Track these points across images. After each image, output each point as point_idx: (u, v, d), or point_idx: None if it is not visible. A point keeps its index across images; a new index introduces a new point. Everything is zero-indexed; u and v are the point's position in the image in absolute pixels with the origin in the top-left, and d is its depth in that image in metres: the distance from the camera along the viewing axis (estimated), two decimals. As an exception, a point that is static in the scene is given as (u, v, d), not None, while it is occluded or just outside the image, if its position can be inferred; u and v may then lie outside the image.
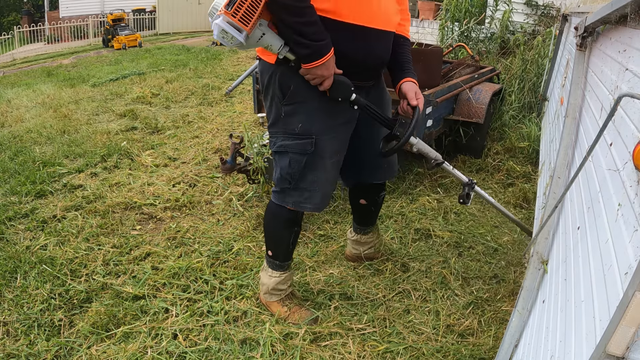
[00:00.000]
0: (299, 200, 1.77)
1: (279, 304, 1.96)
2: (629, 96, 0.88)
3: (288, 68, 1.60)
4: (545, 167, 2.72)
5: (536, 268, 1.61)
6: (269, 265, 1.94)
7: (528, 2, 6.58)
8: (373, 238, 2.31)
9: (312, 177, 1.73)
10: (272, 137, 1.76)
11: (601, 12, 1.67)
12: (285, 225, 1.87)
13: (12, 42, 13.47)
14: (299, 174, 1.71)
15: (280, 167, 1.74)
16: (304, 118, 1.66)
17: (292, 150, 1.69)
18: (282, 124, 1.69)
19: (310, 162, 1.70)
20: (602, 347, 0.75)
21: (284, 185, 1.76)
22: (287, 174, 1.72)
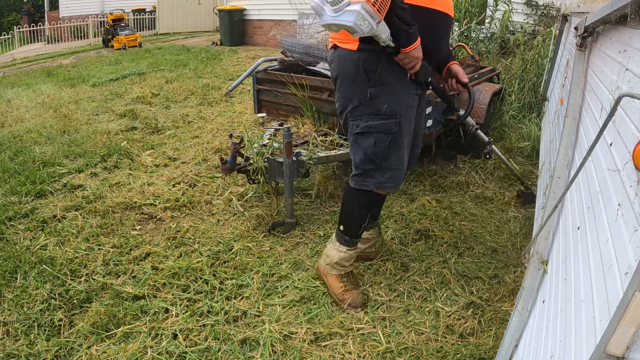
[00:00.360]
0: (381, 180, 1.86)
1: (337, 278, 2.06)
2: (629, 96, 0.88)
3: (371, 54, 1.73)
4: (545, 167, 2.72)
5: (536, 268, 1.61)
6: (338, 239, 2.05)
7: (528, 2, 6.58)
8: (375, 235, 2.32)
9: (395, 156, 1.84)
10: (355, 119, 1.84)
11: (601, 12, 1.67)
12: (366, 207, 1.98)
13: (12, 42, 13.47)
14: (384, 153, 1.81)
15: (365, 147, 1.82)
16: (389, 99, 1.77)
17: (377, 130, 1.79)
18: (367, 105, 1.79)
19: (394, 141, 1.81)
20: (602, 347, 0.74)
21: (368, 167, 1.85)
22: (372, 154, 1.82)
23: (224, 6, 11.26)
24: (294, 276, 2.26)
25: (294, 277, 2.25)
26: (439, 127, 3.30)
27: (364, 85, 1.77)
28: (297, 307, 2.05)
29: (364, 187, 1.89)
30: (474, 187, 3.24)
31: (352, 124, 1.87)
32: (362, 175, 1.89)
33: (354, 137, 1.87)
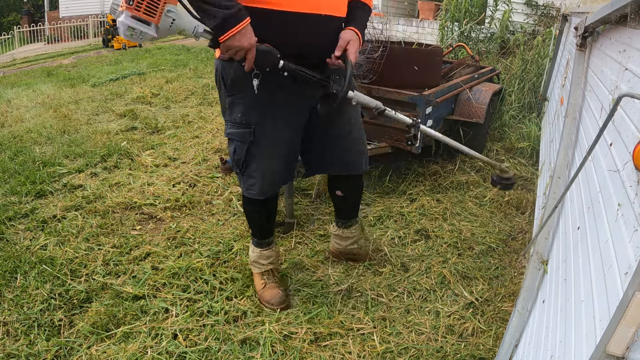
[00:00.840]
0: (245, 186, 1.90)
1: (258, 275, 2.11)
2: (629, 96, 0.88)
3: (226, 61, 1.70)
4: (545, 167, 2.72)
5: (536, 268, 1.61)
6: (252, 240, 2.12)
7: (528, 2, 6.58)
8: (356, 233, 2.29)
9: (255, 165, 1.83)
10: (225, 125, 1.88)
11: (601, 12, 1.67)
12: (252, 208, 2.02)
13: (12, 42, 13.48)
14: (243, 160, 1.83)
15: (230, 152, 1.87)
16: (243, 108, 1.76)
17: (236, 138, 1.81)
18: (228, 113, 1.82)
19: (251, 150, 1.80)
20: (602, 347, 0.75)
21: (236, 171, 1.91)
22: (235, 160, 1.86)
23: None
24: (293, 276, 2.26)
25: (293, 277, 2.25)
26: (439, 127, 3.31)
27: (224, 93, 1.81)
28: (297, 307, 2.05)
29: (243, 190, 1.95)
30: (474, 187, 3.24)
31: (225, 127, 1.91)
32: (238, 178, 1.95)
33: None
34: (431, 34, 7.74)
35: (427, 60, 3.21)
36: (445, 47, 5.81)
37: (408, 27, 8.15)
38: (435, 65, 3.35)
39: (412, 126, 1.92)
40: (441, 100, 3.01)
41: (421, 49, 3.46)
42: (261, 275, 2.11)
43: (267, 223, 2.07)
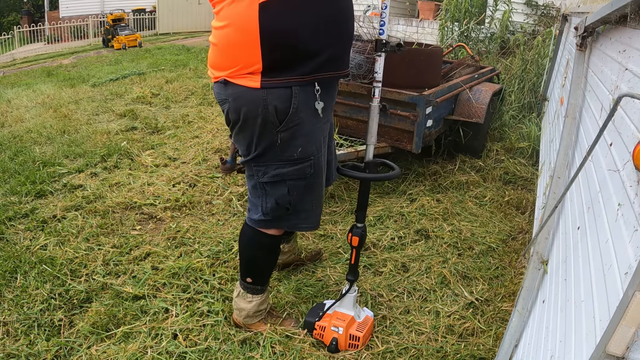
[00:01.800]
0: (296, 222, 1.67)
1: (262, 323, 1.88)
2: (629, 96, 0.88)
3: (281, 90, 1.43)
4: (545, 167, 2.72)
5: (536, 268, 1.61)
6: (248, 291, 1.81)
7: (528, 2, 6.59)
8: (295, 244, 2.24)
9: (311, 198, 1.63)
10: (261, 167, 1.56)
11: (601, 12, 1.67)
12: (271, 251, 1.79)
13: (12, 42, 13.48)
14: (299, 198, 1.60)
15: (276, 197, 1.58)
16: (304, 141, 1.52)
17: (290, 177, 1.55)
18: (277, 152, 1.52)
19: (310, 184, 1.60)
20: (602, 347, 0.75)
21: (280, 213, 1.62)
22: (286, 202, 1.59)
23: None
24: (294, 276, 2.26)
25: (293, 278, 2.25)
26: (439, 127, 3.31)
27: (272, 129, 1.48)
28: (297, 308, 2.05)
29: (274, 229, 1.68)
30: (474, 187, 3.24)
31: (257, 170, 1.58)
32: (272, 221, 1.65)
33: (261, 185, 1.59)
34: (431, 34, 7.74)
35: (427, 60, 3.21)
36: (445, 47, 5.82)
37: (408, 27, 8.15)
38: (435, 65, 3.35)
39: None
40: (441, 100, 3.01)
41: (421, 49, 3.46)
42: (264, 320, 1.88)
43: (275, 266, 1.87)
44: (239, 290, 1.84)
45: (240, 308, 1.85)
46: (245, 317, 1.86)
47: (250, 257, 1.79)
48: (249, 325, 1.88)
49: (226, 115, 1.53)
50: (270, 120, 1.46)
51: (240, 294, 1.84)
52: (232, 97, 1.47)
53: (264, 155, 1.53)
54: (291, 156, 1.53)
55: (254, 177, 1.59)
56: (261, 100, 1.43)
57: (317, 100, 1.49)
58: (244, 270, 1.80)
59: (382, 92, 2.86)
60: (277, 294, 2.12)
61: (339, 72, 1.54)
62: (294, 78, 1.43)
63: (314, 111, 1.50)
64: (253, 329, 1.88)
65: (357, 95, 2.99)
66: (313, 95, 1.48)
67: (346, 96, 3.05)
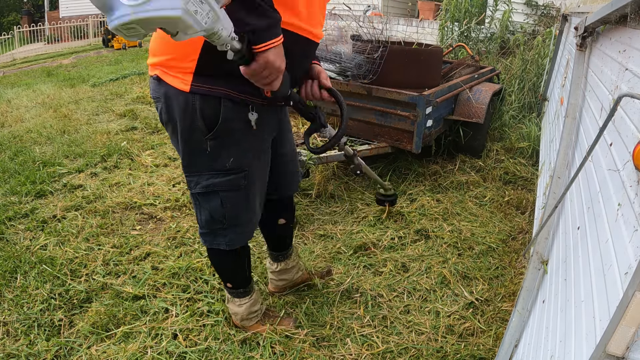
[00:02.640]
0: (233, 237, 1.59)
1: (259, 324, 1.90)
2: (629, 96, 0.88)
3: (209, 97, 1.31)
4: (545, 167, 2.72)
5: (536, 268, 1.61)
6: (234, 295, 1.82)
7: (528, 2, 6.59)
8: (297, 259, 2.10)
9: (246, 212, 1.55)
10: (192, 176, 1.47)
11: (601, 12, 1.67)
12: (234, 261, 1.72)
13: (12, 42, 13.48)
14: (233, 211, 1.51)
15: (210, 209, 1.50)
16: (235, 151, 1.42)
17: (223, 189, 1.46)
18: (206, 160, 1.42)
19: (244, 196, 1.51)
20: (602, 347, 0.75)
21: (216, 227, 1.55)
22: (220, 215, 1.51)
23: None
24: (294, 276, 2.26)
25: (294, 277, 2.25)
26: (439, 127, 3.31)
27: (201, 137, 1.38)
28: (297, 308, 2.05)
29: (215, 246, 1.61)
30: (474, 187, 3.24)
31: (188, 181, 1.50)
32: (210, 235, 1.59)
33: (194, 197, 1.52)
34: (431, 34, 7.74)
35: (427, 60, 3.21)
36: (445, 47, 5.82)
37: (408, 27, 8.15)
38: (435, 65, 3.35)
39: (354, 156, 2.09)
40: (441, 100, 3.02)
41: (421, 49, 3.46)
42: (262, 321, 1.90)
43: (249, 266, 1.80)
44: (227, 297, 1.88)
45: (234, 312, 1.88)
46: (241, 320, 1.88)
47: (217, 268, 1.82)
48: (248, 327, 1.90)
49: (160, 115, 1.42)
50: (198, 127, 1.36)
51: (229, 299, 1.88)
52: (164, 97, 1.36)
53: (194, 164, 1.44)
54: (223, 166, 1.43)
55: (190, 190, 1.52)
56: (190, 105, 1.32)
57: (250, 112, 1.38)
58: (221, 279, 1.87)
59: (382, 92, 2.88)
60: (276, 293, 2.12)
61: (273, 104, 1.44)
62: (223, 89, 1.32)
63: (246, 122, 1.39)
64: (252, 330, 1.89)
65: (357, 95, 2.99)
66: (245, 108, 1.37)
67: (346, 96, 3.05)
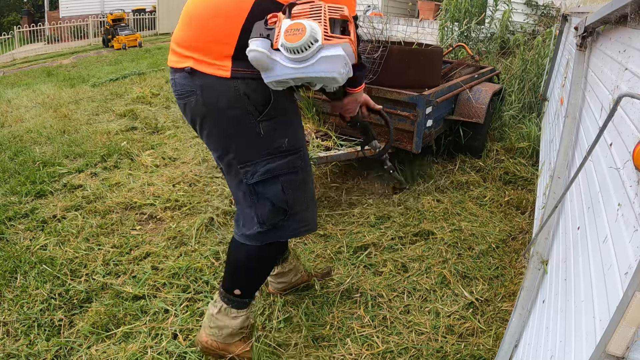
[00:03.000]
0: (297, 227, 1.52)
1: (242, 342, 1.68)
2: (629, 96, 0.88)
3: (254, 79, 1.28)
4: (545, 167, 2.72)
5: (536, 268, 1.61)
6: (236, 306, 1.62)
7: (528, 2, 6.59)
8: (295, 262, 2.05)
9: (306, 195, 1.51)
10: (247, 167, 1.41)
11: (601, 12, 1.67)
12: (270, 264, 1.67)
13: (12, 42, 13.47)
14: (294, 196, 1.46)
15: (271, 197, 1.43)
16: (289, 131, 1.41)
17: (282, 172, 1.42)
18: (261, 145, 1.38)
19: (302, 179, 1.48)
20: (602, 347, 0.75)
21: (277, 219, 1.47)
22: (282, 202, 1.45)
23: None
24: (294, 276, 2.27)
25: (294, 277, 2.26)
26: (439, 127, 3.31)
27: (252, 120, 1.35)
28: (297, 308, 2.05)
29: (274, 240, 1.52)
30: (474, 187, 3.24)
31: (244, 172, 1.42)
32: (271, 232, 1.49)
33: (250, 188, 1.43)
34: (431, 34, 7.75)
35: (427, 60, 3.21)
36: (445, 47, 5.82)
37: (408, 27, 8.15)
38: (435, 65, 3.35)
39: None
40: (441, 100, 3.01)
41: (421, 49, 3.46)
42: (244, 340, 1.70)
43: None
44: (221, 306, 1.62)
45: (221, 326, 1.62)
46: (226, 336, 1.64)
47: (245, 269, 1.60)
48: (227, 347, 1.66)
49: (192, 111, 1.37)
50: (248, 110, 1.33)
51: (223, 309, 1.62)
52: (200, 88, 1.32)
53: (249, 152, 1.39)
54: (279, 147, 1.39)
55: (242, 181, 1.43)
56: (233, 91, 1.30)
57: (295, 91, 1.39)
58: (232, 282, 1.60)
59: (382, 92, 2.88)
60: (277, 295, 2.12)
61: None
62: None
63: (293, 101, 1.44)
64: (231, 351, 1.66)
65: (357, 95, 2.98)
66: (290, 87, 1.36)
67: (346, 96, 3.05)
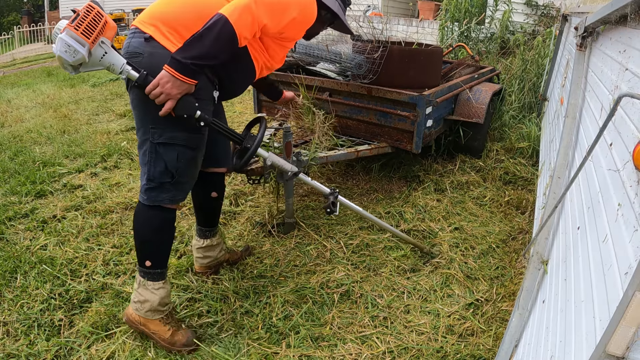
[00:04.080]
0: (175, 194, 1.71)
1: (161, 322, 1.79)
2: (629, 96, 0.88)
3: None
4: (545, 167, 2.72)
5: (536, 268, 1.61)
6: (149, 277, 1.75)
7: (528, 2, 6.59)
8: (221, 240, 2.23)
9: (191, 171, 1.73)
10: (157, 128, 1.62)
11: (601, 12, 1.67)
12: (167, 227, 1.78)
13: (12, 42, 13.48)
14: (183, 167, 1.67)
15: (166, 160, 1.64)
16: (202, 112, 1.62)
17: (181, 143, 1.64)
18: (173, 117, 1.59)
19: (193, 156, 1.70)
20: (602, 347, 0.75)
21: (164, 180, 1.67)
22: (173, 167, 1.66)
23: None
24: (293, 276, 2.26)
25: (293, 278, 2.25)
26: (439, 127, 3.31)
27: None
28: (298, 308, 2.05)
29: (159, 202, 1.70)
30: (474, 187, 3.24)
31: (152, 132, 1.63)
32: (156, 190, 1.69)
33: (153, 147, 1.64)
34: (431, 34, 7.75)
35: (427, 61, 3.21)
36: (445, 47, 5.82)
37: (408, 27, 8.15)
38: (436, 65, 3.35)
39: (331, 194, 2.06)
40: (441, 100, 3.01)
41: (421, 49, 3.46)
42: (165, 319, 1.80)
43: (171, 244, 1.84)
44: (139, 280, 1.76)
45: (143, 300, 1.75)
46: (147, 311, 1.76)
47: (146, 237, 1.75)
48: (146, 323, 1.78)
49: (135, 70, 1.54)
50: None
51: (141, 283, 1.76)
52: (148, 53, 1.57)
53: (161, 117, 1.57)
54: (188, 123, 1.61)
55: (148, 140, 1.64)
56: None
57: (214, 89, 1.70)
58: (141, 253, 1.75)
59: (382, 92, 2.88)
60: (276, 293, 2.12)
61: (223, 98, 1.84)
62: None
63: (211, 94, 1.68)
64: (150, 328, 1.78)
65: (357, 95, 2.99)
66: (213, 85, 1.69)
67: (346, 96, 3.05)
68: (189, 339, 1.79)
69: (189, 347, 1.79)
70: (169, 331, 1.78)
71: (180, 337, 1.79)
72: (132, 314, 1.80)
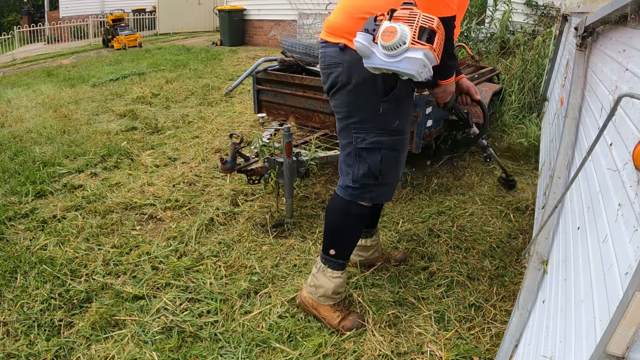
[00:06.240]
0: (378, 194, 1.79)
1: (332, 309, 1.90)
2: (629, 96, 0.88)
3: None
4: (545, 167, 2.72)
5: (536, 268, 1.61)
6: (331, 266, 1.86)
7: (528, 2, 6.58)
8: (378, 240, 2.27)
9: (395, 173, 1.79)
10: (360, 133, 1.70)
11: (601, 12, 1.67)
12: (360, 221, 1.85)
13: (12, 42, 13.47)
14: (387, 169, 1.73)
15: (370, 163, 1.71)
16: (402, 115, 1.70)
17: (385, 147, 1.70)
18: (378, 120, 1.67)
19: (397, 157, 1.75)
20: (602, 347, 0.74)
21: (368, 182, 1.74)
22: (377, 170, 1.72)
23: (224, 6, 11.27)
24: (293, 276, 2.26)
25: (293, 278, 2.25)
26: (439, 127, 3.30)
27: (378, 98, 1.64)
28: (296, 307, 2.05)
29: (360, 200, 1.79)
30: (474, 187, 3.24)
31: (357, 137, 1.71)
32: (360, 189, 1.77)
33: (357, 151, 1.72)
34: (431, 34, 7.73)
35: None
36: (445, 47, 5.79)
37: (408, 27, 8.13)
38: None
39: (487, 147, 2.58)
40: (441, 100, 3.01)
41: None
42: (337, 306, 1.91)
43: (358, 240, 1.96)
44: (320, 265, 1.88)
45: (319, 285, 1.88)
46: (320, 296, 1.88)
47: (337, 227, 1.84)
48: (318, 307, 1.90)
49: (333, 79, 1.68)
50: (377, 90, 1.62)
51: (321, 269, 1.88)
52: (347, 62, 1.63)
53: (365, 121, 1.67)
54: (389, 127, 1.68)
55: (352, 143, 1.72)
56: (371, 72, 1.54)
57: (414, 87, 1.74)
58: (328, 241, 1.86)
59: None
60: (276, 293, 2.12)
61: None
62: None
63: (411, 91, 1.73)
64: (321, 313, 1.90)
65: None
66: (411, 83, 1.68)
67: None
68: (354, 323, 1.89)
69: (353, 329, 1.88)
70: (337, 317, 1.89)
71: (347, 322, 1.89)
72: (307, 296, 1.92)
